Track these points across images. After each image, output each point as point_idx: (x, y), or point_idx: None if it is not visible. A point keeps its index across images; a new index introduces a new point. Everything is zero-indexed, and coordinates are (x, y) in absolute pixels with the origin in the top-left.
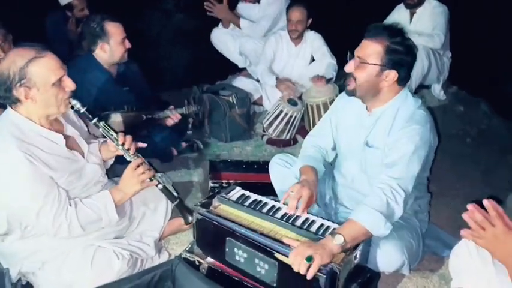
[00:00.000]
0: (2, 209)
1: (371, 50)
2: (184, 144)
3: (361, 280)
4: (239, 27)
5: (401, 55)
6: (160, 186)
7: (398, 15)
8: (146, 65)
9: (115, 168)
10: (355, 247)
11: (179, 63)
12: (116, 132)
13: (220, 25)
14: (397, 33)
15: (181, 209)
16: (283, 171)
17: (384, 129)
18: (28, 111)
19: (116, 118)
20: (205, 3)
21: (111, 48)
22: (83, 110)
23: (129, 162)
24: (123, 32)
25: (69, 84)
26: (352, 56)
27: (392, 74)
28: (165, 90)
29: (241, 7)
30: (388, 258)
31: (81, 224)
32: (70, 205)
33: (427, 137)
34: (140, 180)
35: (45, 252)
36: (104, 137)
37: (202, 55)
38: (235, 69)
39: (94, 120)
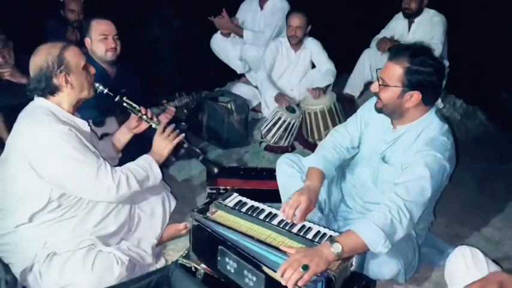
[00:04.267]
0: (51, 183)
1: (392, 72)
2: (182, 149)
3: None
4: (242, 37)
5: (422, 76)
6: (186, 145)
7: (397, 24)
8: (145, 71)
9: None
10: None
11: (178, 69)
12: (139, 106)
13: (219, 32)
14: (418, 53)
15: (207, 163)
16: (289, 171)
17: (403, 149)
18: (60, 99)
19: (111, 122)
20: (208, 18)
21: (92, 43)
22: (106, 90)
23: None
24: (108, 30)
25: (92, 69)
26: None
27: (416, 95)
28: (164, 96)
29: (243, 11)
30: (384, 266)
31: (136, 177)
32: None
33: (444, 166)
34: (171, 139)
35: (61, 239)
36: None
37: (201, 62)
38: (234, 76)
39: (117, 98)
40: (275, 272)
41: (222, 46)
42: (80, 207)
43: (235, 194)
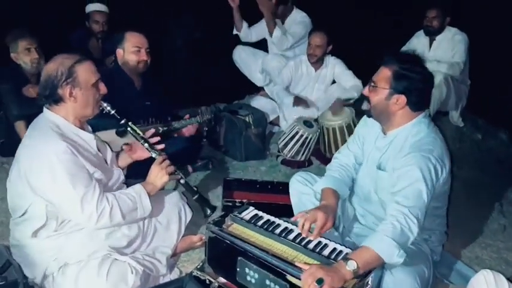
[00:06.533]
0: (43, 198)
1: (382, 75)
2: (199, 161)
3: None
4: (270, 33)
5: (409, 80)
6: (182, 180)
7: (418, 42)
8: (165, 82)
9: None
10: (367, 274)
11: (198, 81)
12: (143, 132)
13: (234, 29)
14: (407, 59)
15: (201, 203)
16: (302, 189)
17: (394, 154)
18: (66, 111)
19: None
20: None
21: (124, 54)
22: (112, 111)
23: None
24: (141, 43)
25: (103, 88)
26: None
27: (401, 99)
28: (183, 108)
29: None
30: (400, 285)
31: (122, 209)
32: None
33: (433, 165)
34: (168, 172)
35: (70, 251)
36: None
37: (220, 74)
38: (253, 89)
39: (123, 121)
40: (299, 279)
41: (244, 58)
42: None
43: (251, 208)
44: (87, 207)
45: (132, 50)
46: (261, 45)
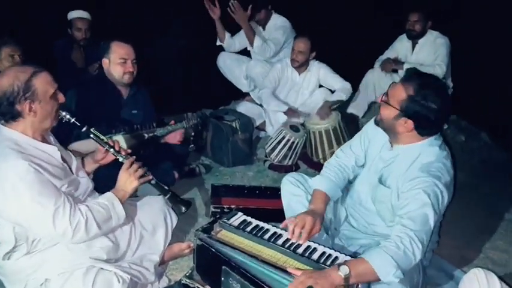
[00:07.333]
0: (9, 222)
1: (396, 93)
2: (186, 168)
3: None
4: (251, 44)
5: (421, 108)
6: (153, 181)
7: (401, 45)
8: (151, 89)
9: None
10: None
11: (183, 88)
12: (106, 138)
13: (217, 40)
14: (427, 86)
15: (175, 201)
16: (294, 190)
17: (399, 171)
18: (24, 126)
19: (118, 140)
20: (230, 2)
21: (110, 65)
22: (72, 120)
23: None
24: (127, 54)
25: (61, 97)
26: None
27: (409, 123)
28: (168, 115)
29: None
30: None
31: (97, 220)
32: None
33: (441, 192)
34: (137, 176)
35: (49, 267)
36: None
37: (206, 81)
38: (238, 95)
39: (84, 129)
40: None
41: (229, 64)
42: None
43: (239, 214)
44: (60, 223)
45: (118, 62)
46: (246, 50)
